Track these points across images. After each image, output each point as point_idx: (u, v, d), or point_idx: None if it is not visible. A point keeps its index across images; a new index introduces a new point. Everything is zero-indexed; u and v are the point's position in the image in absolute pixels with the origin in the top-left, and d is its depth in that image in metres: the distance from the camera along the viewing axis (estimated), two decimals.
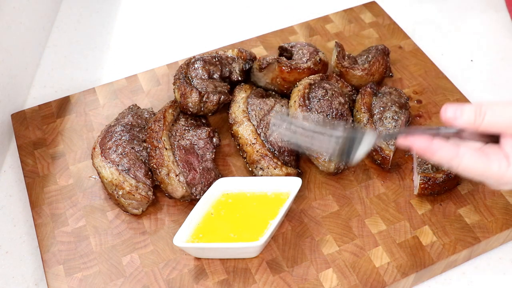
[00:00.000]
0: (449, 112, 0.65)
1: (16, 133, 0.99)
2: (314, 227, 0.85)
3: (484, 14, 1.25)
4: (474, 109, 0.64)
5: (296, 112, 0.91)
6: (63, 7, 1.29)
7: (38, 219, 0.87)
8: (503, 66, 1.14)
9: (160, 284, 0.80)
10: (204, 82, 0.95)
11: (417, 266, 0.81)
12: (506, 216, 0.85)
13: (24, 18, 1.10)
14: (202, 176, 0.88)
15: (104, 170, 0.86)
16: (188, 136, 0.92)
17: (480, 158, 0.64)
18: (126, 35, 1.24)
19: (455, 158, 0.64)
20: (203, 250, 0.80)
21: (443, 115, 0.65)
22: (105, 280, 0.81)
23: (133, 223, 0.87)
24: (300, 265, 0.81)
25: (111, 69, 1.16)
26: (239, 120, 0.92)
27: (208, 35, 1.23)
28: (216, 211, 0.84)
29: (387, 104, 0.94)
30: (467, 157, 0.64)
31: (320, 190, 0.90)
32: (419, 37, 1.19)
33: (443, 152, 0.64)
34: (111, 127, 0.92)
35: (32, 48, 1.15)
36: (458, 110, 0.64)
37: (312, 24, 1.17)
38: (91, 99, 1.04)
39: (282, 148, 0.90)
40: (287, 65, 0.96)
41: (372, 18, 1.17)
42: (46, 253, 0.84)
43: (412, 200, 0.88)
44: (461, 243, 0.83)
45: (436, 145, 0.65)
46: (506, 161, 0.64)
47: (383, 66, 1.02)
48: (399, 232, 0.84)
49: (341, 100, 0.93)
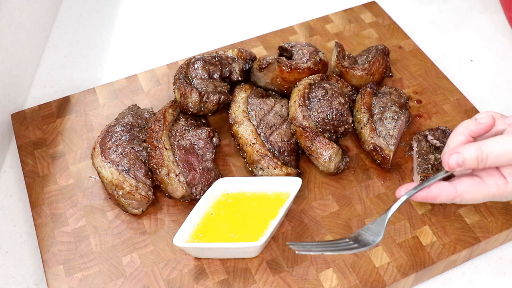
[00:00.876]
0: (452, 162, 0.68)
1: (16, 133, 0.99)
2: (314, 227, 0.85)
3: (484, 14, 1.25)
4: (475, 154, 0.67)
5: (296, 112, 0.91)
6: (63, 7, 1.29)
7: (38, 219, 0.87)
8: (503, 66, 1.14)
9: (160, 284, 0.80)
10: (204, 82, 0.95)
11: (417, 266, 0.81)
12: (506, 216, 0.85)
13: (24, 18, 1.10)
14: (202, 176, 0.88)
15: (104, 170, 0.86)
16: (188, 136, 0.92)
17: (478, 185, 0.69)
18: (126, 35, 1.24)
19: (456, 197, 0.70)
20: (203, 250, 0.81)
21: (445, 164, 0.69)
22: (105, 280, 0.81)
23: (133, 223, 0.87)
24: (300, 265, 0.81)
25: (111, 69, 1.16)
26: (239, 120, 0.92)
27: (208, 35, 1.23)
28: (216, 211, 0.84)
29: (387, 104, 0.94)
30: (466, 191, 0.69)
31: (320, 190, 0.90)
32: (419, 37, 1.19)
33: (444, 195, 0.70)
34: (111, 127, 0.92)
35: (32, 48, 1.15)
36: (459, 158, 0.68)
37: (312, 24, 1.17)
38: (91, 99, 1.04)
39: (282, 148, 0.90)
40: (287, 65, 0.96)
41: (372, 18, 1.17)
42: (46, 253, 0.84)
43: (412, 200, 0.88)
44: (461, 243, 0.83)
45: (435, 192, 0.70)
46: (503, 180, 0.69)
47: (383, 66, 1.02)
48: (399, 232, 0.84)
49: (341, 100, 0.93)
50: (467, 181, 0.70)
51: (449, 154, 0.69)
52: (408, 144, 0.94)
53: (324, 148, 0.88)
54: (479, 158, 0.67)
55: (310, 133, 0.89)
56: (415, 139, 0.91)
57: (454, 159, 0.68)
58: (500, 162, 0.68)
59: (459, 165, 0.68)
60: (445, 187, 0.70)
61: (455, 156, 0.68)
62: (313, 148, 0.89)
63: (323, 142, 0.88)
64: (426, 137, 0.91)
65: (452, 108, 1.00)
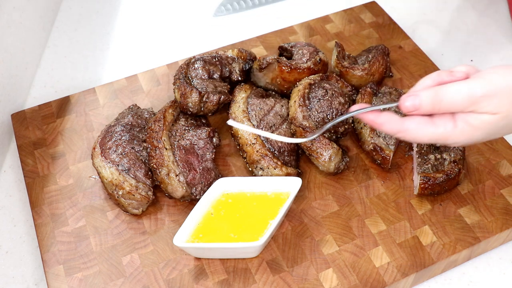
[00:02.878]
0: (408, 104, 0.67)
1: (16, 133, 0.99)
2: (314, 227, 0.85)
3: (485, 15, 1.24)
4: (431, 97, 0.66)
5: (296, 112, 0.91)
6: (63, 7, 1.29)
7: (38, 219, 0.87)
8: None
9: (160, 284, 0.80)
10: (204, 82, 0.95)
11: (417, 266, 0.81)
12: (506, 216, 0.85)
13: (24, 18, 1.10)
14: (202, 176, 0.88)
15: (104, 170, 0.86)
16: (188, 136, 0.92)
17: (426, 124, 0.68)
18: (126, 35, 1.24)
19: (400, 131, 0.68)
20: (203, 250, 0.81)
21: (402, 106, 0.68)
22: (105, 280, 0.81)
23: (133, 223, 0.87)
24: (300, 265, 0.81)
25: (111, 69, 1.16)
26: (239, 120, 0.92)
27: (208, 35, 1.23)
28: (216, 211, 0.84)
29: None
30: (412, 129, 0.68)
31: (320, 190, 0.90)
32: (419, 37, 1.19)
33: (390, 125, 0.68)
34: (111, 127, 0.92)
35: (32, 48, 1.15)
36: (416, 101, 0.67)
37: (312, 24, 1.17)
38: (91, 99, 1.04)
39: (282, 148, 0.90)
40: (287, 65, 0.96)
41: (372, 18, 1.17)
42: (46, 253, 0.84)
43: (412, 200, 0.88)
44: (461, 243, 0.83)
45: (383, 119, 0.69)
46: (452, 124, 0.67)
47: (383, 66, 1.02)
48: (399, 232, 0.84)
49: (341, 100, 0.93)
50: (416, 119, 0.68)
51: (406, 95, 0.68)
52: (408, 144, 0.94)
53: (324, 148, 0.88)
54: (434, 101, 0.66)
55: (310, 133, 0.89)
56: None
57: (410, 101, 0.67)
58: (454, 107, 0.66)
59: (416, 107, 0.67)
60: (394, 118, 0.68)
61: (412, 98, 0.67)
62: (313, 148, 0.89)
63: (323, 142, 0.88)
64: None
65: None
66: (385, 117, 0.69)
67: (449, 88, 0.66)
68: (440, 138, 0.68)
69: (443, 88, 0.66)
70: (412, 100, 0.67)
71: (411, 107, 0.67)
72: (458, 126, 0.67)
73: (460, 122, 0.67)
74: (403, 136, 0.69)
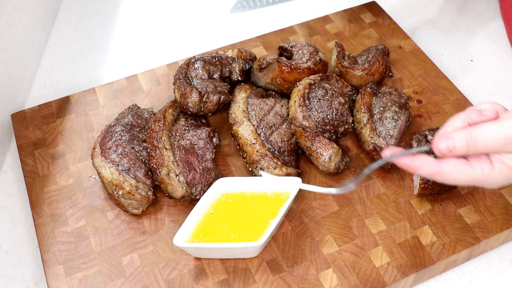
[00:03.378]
0: (442, 146, 0.67)
1: (16, 133, 0.99)
2: (314, 227, 0.85)
3: (484, 14, 1.24)
4: (465, 139, 0.66)
5: (296, 112, 0.91)
6: (63, 7, 1.29)
7: (38, 219, 0.87)
8: (503, 66, 1.14)
9: (160, 284, 0.80)
10: (204, 82, 0.95)
11: (417, 266, 0.81)
12: (506, 216, 0.85)
13: (24, 18, 1.10)
14: (202, 176, 0.88)
15: (104, 170, 0.86)
16: (188, 136, 0.92)
17: (463, 167, 0.67)
18: (126, 35, 1.24)
19: (437, 173, 0.68)
20: (203, 250, 0.80)
21: (436, 149, 0.67)
22: (105, 280, 0.81)
23: (133, 223, 0.87)
24: (300, 265, 0.81)
25: (111, 69, 1.16)
26: (239, 120, 0.92)
27: (208, 35, 1.23)
28: (216, 211, 0.84)
29: (387, 104, 0.94)
30: (448, 171, 0.67)
31: None
32: (419, 37, 1.19)
33: (426, 168, 0.68)
34: (111, 127, 0.92)
35: (32, 48, 1.15)
36: (449, 143, 0.66)
37: (312, 24, 1.17)
38: (91, 99, 1.04)
39: (282, 148, 0.90)
40: (287, 65, 0.96)
41: (372, 18, 1.17)
42: (46, 253, 0.84)
43: (412, 200, 0.88)
44: (461, 243, 0.83)
45: (418, 162, 0.68)
46: (489, 165, 0.67)
47: (383, 66, 1.02)
48: (399, 232, 0.84)
49: (341, 100, 0.93)
50: (452, 161, 0.68)
51: (439, 138, 0.67)
52: (408, 144, 0.94)
53: (324, 148, 0.88)
54: (468, 143, 0.66)
55: (310, 133, 0.89)
56: (415, 139, 0.91)
57: (444, 144, 0.66)
58: (490, 148, 0.66)
59: (450, 150, 0.66)
60: (429, 161, 0.68)
61: (445, 142, 0.66)
62: (313, 148, 0.89)
63: (323, 142, 0.88)
64: (426, 137, 0.91)
65: (452, 108, 1.00)
66: (420, 161, 0.68)
67: (483, 130, 0.66)
68: (478, 180, 0.68)
69: (476, 129, 0.66)
70: (445, 142, 0.66)
71: (445, 149, 0.66)
72: (496, 168, 0.67)
73: (497, 163, 0.67)
74: (441, 178, 0.68)
